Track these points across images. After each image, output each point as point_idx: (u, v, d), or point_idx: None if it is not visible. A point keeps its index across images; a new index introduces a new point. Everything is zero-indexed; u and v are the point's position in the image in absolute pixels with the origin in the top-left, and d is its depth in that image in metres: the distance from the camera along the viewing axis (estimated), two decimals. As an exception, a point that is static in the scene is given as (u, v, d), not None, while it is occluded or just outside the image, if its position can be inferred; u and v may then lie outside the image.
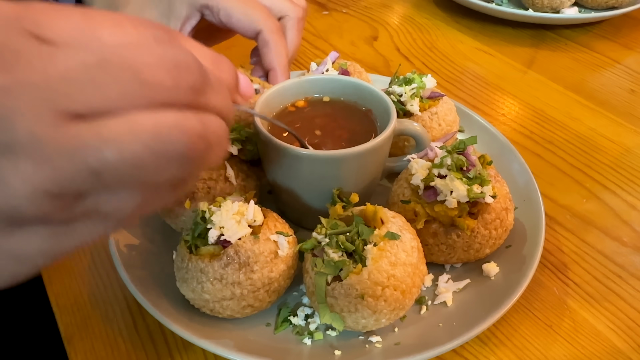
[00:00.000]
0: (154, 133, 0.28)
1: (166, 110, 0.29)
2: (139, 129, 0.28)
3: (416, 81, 0.67)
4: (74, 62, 0.27)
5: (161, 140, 0.28)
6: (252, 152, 0.61)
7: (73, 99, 0.26)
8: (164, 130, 0.28)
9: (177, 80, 0.29)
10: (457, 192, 0.54)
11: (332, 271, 0.49)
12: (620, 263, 0.65)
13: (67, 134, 0.26)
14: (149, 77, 0.28)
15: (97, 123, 0.27)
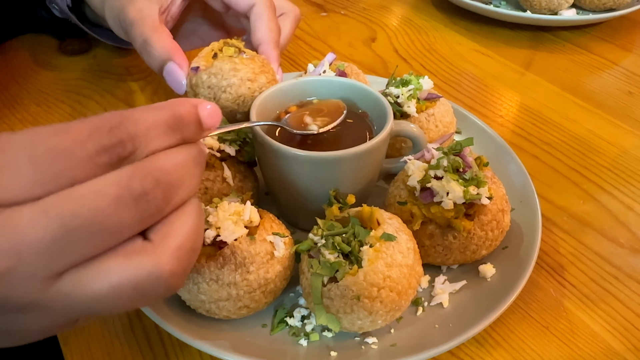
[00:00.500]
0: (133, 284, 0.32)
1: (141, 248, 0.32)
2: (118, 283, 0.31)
3: (413, 82, 0.67)
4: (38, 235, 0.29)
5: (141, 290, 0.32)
6: (249, 153, 0.61)
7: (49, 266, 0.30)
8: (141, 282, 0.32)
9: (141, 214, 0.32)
10: (454, 193, 0.54)
11: (328, 272, 0.49)
12: (616, 264, 0.65)
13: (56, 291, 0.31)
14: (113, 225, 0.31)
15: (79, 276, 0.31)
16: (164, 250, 0.33)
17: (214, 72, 0.61)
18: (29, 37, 1.06)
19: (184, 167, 0.34)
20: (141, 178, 0.31)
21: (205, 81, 0.62)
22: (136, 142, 0.32)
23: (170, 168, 0.33)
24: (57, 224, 0.29)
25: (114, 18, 0.72)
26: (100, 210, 0.30)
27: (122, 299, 0.32)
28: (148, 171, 0.32)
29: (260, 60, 0.64)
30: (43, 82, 0.94)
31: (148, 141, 0.32)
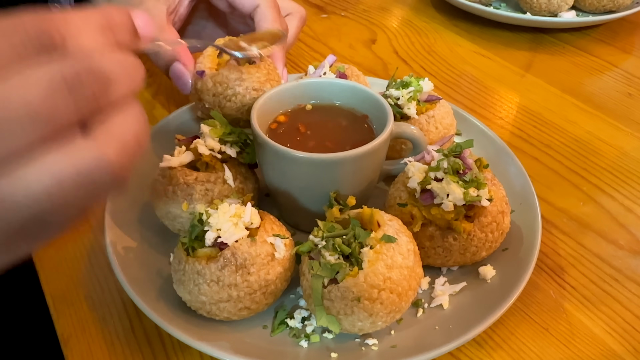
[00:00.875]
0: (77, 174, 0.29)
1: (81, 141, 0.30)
2: (60, 175, 0.29)
3: (413, 84, 0.68)
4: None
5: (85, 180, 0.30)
6: (250, 155, 0.61)
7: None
8: (85, 171, 0.29)
9: (76, 101, 0.29)
10: (454, 195, 0.54)
11: (328, 274, 0.50)
12: (616, 266, 0.65)
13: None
14: (46, 112, 0.28)
15: (17, 173, 0.28)
16: (107, 141, 0.31)
17: (219, 81, 0.61)
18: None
19: (121, 63, 0.32)
20: (74, 66, 0.29)
21: (211, 89, 0.62)
22: (67, 38, 0.30)
23: (106, 62, 0.31)
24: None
25: None
26: (33, 98, 0.28)
27: (67, 194, 0.29)
28: (82, 61, 0.29)
29: (266, 68, 0.64)
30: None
31: (79, 38, 0.30)
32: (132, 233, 0.62)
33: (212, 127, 0.60)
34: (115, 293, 0.60)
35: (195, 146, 0.59)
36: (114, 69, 0.31)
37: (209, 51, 0.66)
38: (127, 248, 0.60)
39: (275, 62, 0.68)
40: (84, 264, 0.64)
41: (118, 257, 0.58)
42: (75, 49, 0.30)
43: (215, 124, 0.61)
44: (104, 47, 0.32)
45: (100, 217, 0.63)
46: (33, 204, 0.29)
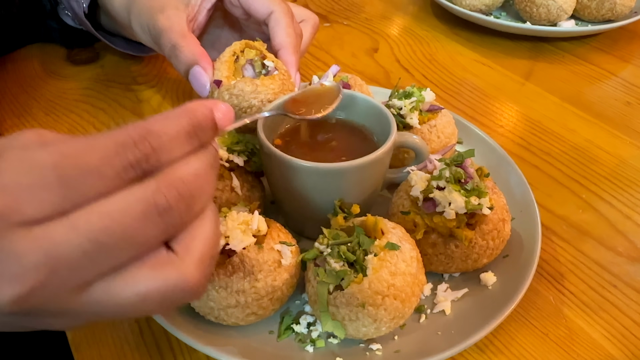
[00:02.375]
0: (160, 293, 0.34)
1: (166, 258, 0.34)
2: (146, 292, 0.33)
3: (415, 95, 0.69)
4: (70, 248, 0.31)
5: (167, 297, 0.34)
6: (257, 163, 0.63)
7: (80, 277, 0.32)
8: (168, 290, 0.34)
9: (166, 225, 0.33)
10: (455, 203, 0.55)
11: (333, 280, 0.51)
12: (615, 273, 0.66)
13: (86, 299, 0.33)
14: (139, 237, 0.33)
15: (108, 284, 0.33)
16: (188, 262, 0.35)
17: (235, 94, 0.63)
18: (37, 46, 1.07)
19: (203, 174, 0.35)
20: (165, 193, 0.33)
21: (227, 100, 0.64)
22: (159, 155, 0.33)
23: (191, 178, 0.34)
24: (88, 239, 0.31)
25: (142, 26, 0.75)
26: (128, 226, 0.32)
27: (148, 307, 0.34)
28: (171, 185, 0.33)
29: (281, 79, 0.65)
30: (52, 91, 0.96)
31: (170, 152, 0.34)
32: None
33: (220, 136, 0.62)
34: (125, 299, 0.62)
35: (203, 155, 0.60)
36: (198, 185, 0.35)
37: (225, 56, 0.67)
38: (136, 254, 0.61)
39: (288, 68, 0.70)
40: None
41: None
42: (167, 171, 0.34)
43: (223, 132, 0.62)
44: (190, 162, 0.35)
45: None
46: (118, 311, 0.34)
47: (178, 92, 0.96)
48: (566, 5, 1.09)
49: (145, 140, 0.33)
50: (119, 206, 0.32)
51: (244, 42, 0.69)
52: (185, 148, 0.35)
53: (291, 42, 0.72)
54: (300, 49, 0.74)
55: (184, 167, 0.34)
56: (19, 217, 0.30)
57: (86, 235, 0.31)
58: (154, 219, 0.32)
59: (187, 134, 0.35)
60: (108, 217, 0.31)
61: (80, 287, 0.32)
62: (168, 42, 0.70)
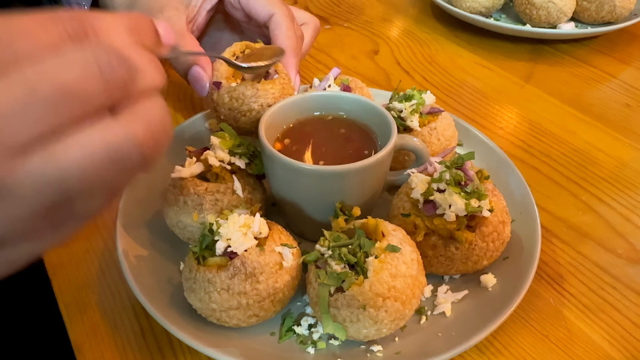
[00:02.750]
0: (107, 150, 0.30)
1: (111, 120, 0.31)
2: (91, 149, 0.30)
3: (416, 97, 0.69)
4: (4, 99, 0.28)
5: (116, 156, 0.31)
6: (258, 166, 0.63)
7: (15, 134, 0.28)
8: (115, 146, 0.30)
9: (106, 83, 0.30)
10: (456, 206, 0.56)
11: (334, 282, 0.51)
12: (614, 274, 0.67)
13: (23, 168, 0.29)
14: (79, 92, 0.30)
15: (48, 150, 0.29)
16: (136, 122, 0.32)
17: (235, 97, 0.64)
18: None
19: (147, 58, 0.33)
20: (106, 52, 0.31)
21: (227, 103, 0.64)
22: (98, 33, 0.32)
23: (133, 54, 0.32)
24: (25, 91, 0.28)
25: None
26: (69, 80, 0.29)
27: (97, 169, 0.30)
28: (113, 49, 0.31)
29: (281, 83, 0.66)
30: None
31: (109, 35, 0.32)
32: (143, 242, 0.64)
33: (222, 139, 0.62)
34: (127, 300, 0.62)
35: (205, 157, 0.61)
36: (141, 61, 0.33)
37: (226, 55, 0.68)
38: (138, 256, 0.62)
39: (288, 70, 0.71)
40: (95, 272, 0.65)
41: (130, 265, 0.59)
42: (107, 44, 0.32)
43: (224, 135, 0.63)
44: (133, 45, 0.33)
45: (112, 226, 0.65)
46: (63, 179, 0.30)
47: (179, 94, 0.96)
48: (566, 8, 1.10)
49: (84, 18, 0.31)
50: (56, 62, 0.29)
51: (244, 43, 0.70)
52: (126, 38, 0.33)
53: (291, 44, 0.72)
54: (300, 52, 0.74)
55: (126, 47, 0.32)
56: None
57: (21, 88, 0.28)
58: (95, 77, 0.30)
59: (127, 27, 0.34)
60: (45, 70, 0.29)
61: (19, 150, 0.29)
62: None
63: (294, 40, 0.72)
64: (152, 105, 0.33)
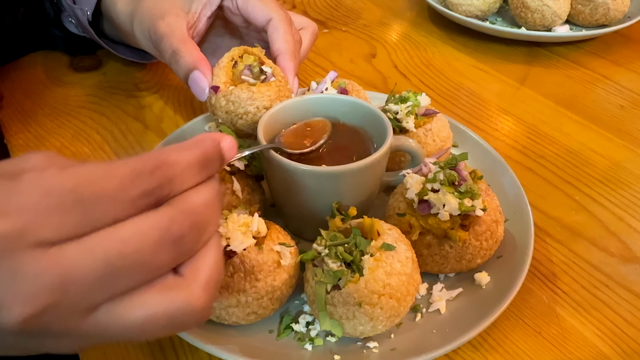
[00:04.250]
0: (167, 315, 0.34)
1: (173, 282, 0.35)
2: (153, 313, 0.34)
3: (411, 99, 0.71)
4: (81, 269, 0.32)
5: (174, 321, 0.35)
6: (257, 167, 0.65)
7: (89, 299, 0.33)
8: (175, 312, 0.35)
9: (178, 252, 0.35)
10: (449, 205, 0.57)
11: (331, 280, 0.53)
12: (607, 273, 0.68)
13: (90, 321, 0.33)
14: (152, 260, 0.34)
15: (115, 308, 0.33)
16: (195, 285, 0.36)
17: (232, 100, 0.65)
18: (41, 53, 1.09)
19: (212, 204, 0.37)
20: (180, 222, 0.34)
21: (224, 107, 0.65)
22: (173, 185, 0.35)
23: (202, 208, 0.36)
24: (103, 263, 0.32)
25: (144, 32, 0.77)
26: (142, 251, 0.33)
27: (155, 329, 0.35)
28: (185, 214, 0.35)
29: (277, 85, 0.67)
30: (56, 98, 0.98)
31: (183, 182, 0.36)
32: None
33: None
34: (128, 300, 0.63)
35: (204, 159, 0.62)
36: (208, 214, 0.37)
37: (224, 62, 0.69)
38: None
39: (286, 74, 0.72)
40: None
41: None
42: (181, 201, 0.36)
43: (223, 138, 0.64)
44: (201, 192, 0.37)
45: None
46: (125, 334, 0.34)
47: (179, 98, 0.98)
48: (560, 11, 1.11)
49: (160, 169, 0.34)
50: (135, 232, 0.33)
51: (243, 48, 0.71)
52: (196, 178, 0.37)
53: (289, 48, 0.73)
54: (298, 55, 0.76)
55: (195, 196, 0.36)
56: (35, 238, 0.31)
57: (101, 259, 0.32)
58: (167, 247, 0.34)
59: (198, 165, 0.37)
60: (123, 242, 0.32)
61: (89, 309, 0.33)
62: (168, 47, 0.72)
63: (292, 43, 0.74)
64: (210, 254, 0.37)
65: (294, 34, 0.75)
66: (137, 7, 0.80)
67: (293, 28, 0.76)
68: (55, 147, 0.87)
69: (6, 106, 0.96)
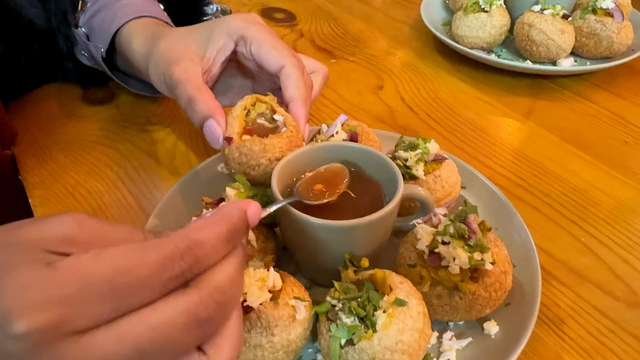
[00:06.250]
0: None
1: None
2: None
3: (421, 147, 0.73)
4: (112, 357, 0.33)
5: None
6: (271, 216, 0.66)
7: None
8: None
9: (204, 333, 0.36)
10: (460, 259, 0.58)
11: (345, 335, 0.54)
12: (612, 318, 0.69)
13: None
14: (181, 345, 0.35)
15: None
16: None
17: (244, 152, 0.67)
18: (54, 86, 1.11)
19: (236, 279, 0.39)
20: (206, 305, 0.36)
21: (237, 158, 0.67)
22: (201, 264, 0.37)
23: (227, 286, 0.38)
24: (133, 349, 0.33)
25: (159, 76, 0.79)
26: (171, 336, 0.35)
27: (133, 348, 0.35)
28: (211, 296, 0.36)
29: (288, 136, 0.69)
30: (69, 132, 1.00)
31: (210, 259, 0.38)
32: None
33: (237, 190, 0.65)
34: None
35: (220, 210, 0.64)
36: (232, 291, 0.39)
37: (237, 111, 0.71)
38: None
39: (297, 121, 0.73)
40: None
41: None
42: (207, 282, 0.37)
43: (239, 187, 0.66)
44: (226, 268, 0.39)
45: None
46: None
47: (191, 132, 1.00)
48: (565, 45, 1.13)
49: (190, 251, 0.36)
50: (164, 318, 0.34)
51: (255, 97, 0.73)
52: (224, 252, 0.39)
53: (301, 95, 0.75)
54: (309, 101, 0.78)
55: (221, 275, 0.38)
56: (72, 328, 0.32)
57: (132, 346, 0.33)
58: (194, 329, 0.36)
59: (225, 239, 0.39)
60: (153, 328, 0.34)
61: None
62: (184, 94, 0.74)
63: (304, 90, 0.75)
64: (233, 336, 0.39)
65: (305, 79, 0.77)
66: (152, 49, 0.82)
67: (305, 74, 0.77)
68: (70, 184, 0.89)
69: (21, 141, 0.97)
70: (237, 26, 0.79)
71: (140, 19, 0.92)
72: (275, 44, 0.77)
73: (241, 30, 0.79)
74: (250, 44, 0.78)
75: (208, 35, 0.79)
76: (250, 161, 0.67)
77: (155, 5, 1.00)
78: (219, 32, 0.79)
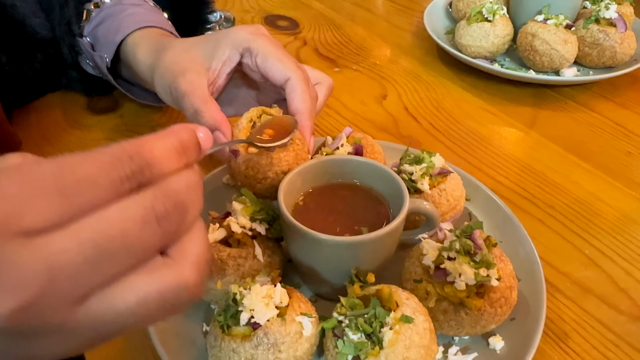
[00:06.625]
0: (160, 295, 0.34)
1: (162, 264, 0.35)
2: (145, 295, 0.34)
3: (426, 161, 0.73)
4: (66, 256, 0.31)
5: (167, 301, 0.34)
6: (277, 230, 0.67)
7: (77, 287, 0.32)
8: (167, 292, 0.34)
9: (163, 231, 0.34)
10: (465, 275, 0.59)
11: (352, 352, 0.54)
12: (616, 332, 0.69)
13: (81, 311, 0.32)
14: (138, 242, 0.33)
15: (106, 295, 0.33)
16: (184, 264, 0.36)
17: (251, 166, 0.67)
18: (59, 94, 1.12)
19: (193, 187, 0.37)
20: (162, 201, 0.34)
21: (243, 171, 0.67)
22: (153, 169, 0.35)
23: (185, 190, 0.36)
24: (89, 247, 0.31)
25: (165, 87, 0.79)
26: (128, 232, 0.32)
27: (149, 312, 0.34)
28: (168, 195, 0.35)
29: (294, 150, 0.69)
30: (74, 142, 1.00)
31: (162, 167, 0.35)
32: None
33: (243, 204, 0.66)
34: (152, 359, 0.65)
35: (228, 224, 0.64)
36: (190, 197, 0.37)
37: (243, 124, 0.71)
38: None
39: (303, 133, 0.74)
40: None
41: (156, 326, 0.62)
42: (162, 183, 0.35)
43: (245, 201, 0.66)
44: (182, 177, 0.37)
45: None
46: (118, 321, 0.34)
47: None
48: (568, 55, 1.13)
49: (139, 154, 0.34)
50: (119, 213, 0.32)
51: (261, 109, 0.73)
52: (175, 165, 0.37)
53: (307, 107, 0.75)
54: (314, 113, 0.78)
55: (176, 179, 0.36)
56: (19, 227, 0.30)
57: (87, 243, 0.31)
58: (153, 226, 0.34)
59: (176, 152, 0.37)
60: (109, 223, 0.32)
61: (80, 299, 0.32)
62: (190, 106, 0.75)
63: (309, 102, 0.76)
64: (196, 237, 0.37)
65: (310, 92, 0.77)
66: (158, 61, 0.82)
67: (310, 86, 0.78)
68: (75, 195, 0.89)
69: (25, 151, 0.97)
70: (243, 38, 0.80)
71: (145, 29, 0.93)
72: (280, 57, 0.77)
73: (247, 42, 0.79)
74: (256, 56, 0.78)
75: (214, 47, 0.80)
76: (256, 174, 0.67)
77: (159, 15, 1.00)
78: (224, 44, 0.80)
